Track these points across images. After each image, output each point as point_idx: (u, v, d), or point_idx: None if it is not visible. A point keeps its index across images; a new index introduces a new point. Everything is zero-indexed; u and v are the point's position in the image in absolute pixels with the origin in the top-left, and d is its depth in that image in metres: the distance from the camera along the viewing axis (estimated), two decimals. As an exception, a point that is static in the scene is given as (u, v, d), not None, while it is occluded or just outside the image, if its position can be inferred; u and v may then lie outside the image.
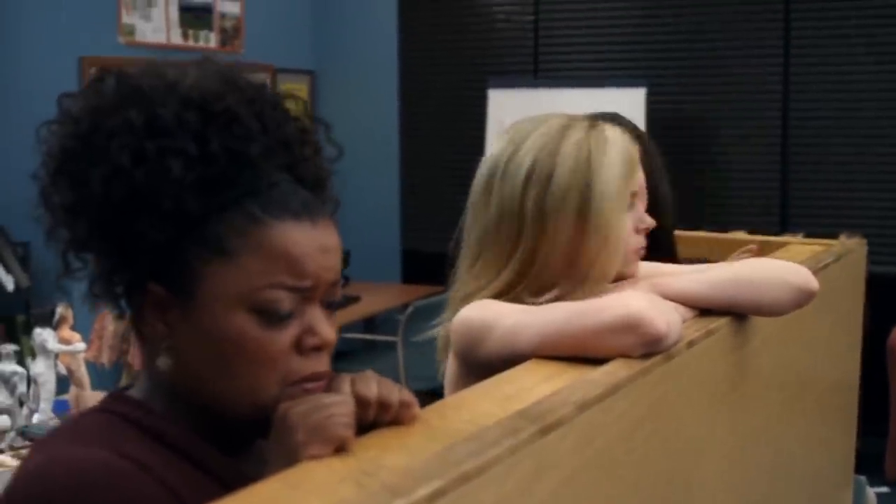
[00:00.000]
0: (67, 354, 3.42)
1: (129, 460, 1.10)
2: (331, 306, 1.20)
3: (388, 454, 1.04)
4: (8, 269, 5.24)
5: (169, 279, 1.15)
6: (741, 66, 6.04)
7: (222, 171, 1.14)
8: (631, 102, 5.91)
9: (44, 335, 3.30)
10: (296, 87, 6.94)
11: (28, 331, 4.87)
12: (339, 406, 1.08)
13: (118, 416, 1.18)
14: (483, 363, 1.56)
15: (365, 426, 1.13)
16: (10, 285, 5.23)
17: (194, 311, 1.14)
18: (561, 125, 1.74)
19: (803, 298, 1.74)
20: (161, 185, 1.12)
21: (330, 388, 1.15)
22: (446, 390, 1.73)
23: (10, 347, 3.31)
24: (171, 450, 1.16)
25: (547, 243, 1.71)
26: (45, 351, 3.30)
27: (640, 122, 5.87)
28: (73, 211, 1.15)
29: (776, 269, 1.74)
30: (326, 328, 1.17)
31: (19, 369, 3.21)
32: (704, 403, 1.64)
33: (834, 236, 5.46)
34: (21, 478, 1.10)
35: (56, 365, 3.39)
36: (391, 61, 6.90)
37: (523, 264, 1.72)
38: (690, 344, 1.53)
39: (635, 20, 6.31)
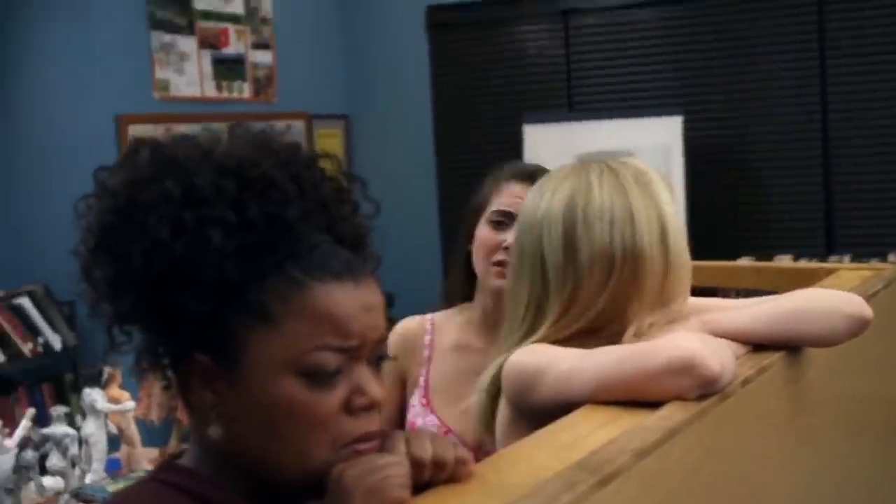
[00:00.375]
0: (117, 413, 3.43)
1: None
2: (378, 363, 1.19)
3: (447, 515, 1.02)
4: (55, 329, 5.28)
5: (214, 349, 1.14)
6: (777, 87, 5.99)
7: (261, 237, 1.13)
8: (668, 131, 5.89)
9: (93, 395, 3.31)
10: (330, 133, 6.97)
11: (76, 389, 4.90)
12: (394, 467, 1.06)
13: (169, 485, 1.17)
14: (536, 409, 1.54)
15: (420, 485, 1.11)
16: (57, 345, 5.27)
17: (241, 379, 1.13)
18: (608, 166, 1.73)
19: (858, 327, 1.71)
20: (201, 256, 1.11)
21: (384, 448, 1.13)
22: (498, 437, 1.71)
23: (61, 409, 3.32)
24: None
25: (641, 275, 1.69)
26: (95, 411, 3.32)
27: (678, 150, 5.85)
28: (114, 285, 1.15)
29: (829, 299, 1.71)
30: (375, 387, 1.15)
31: (71, 431, 3.22)
32: (764, 440, 1.61)
33: (883, 256, 5.41)
34: None
35: (106, 424, 3.40)
36: (425, 103, 6.91)
37: (614, 302, 1.69)
38: (745, 382, 1.50)
39: (667, 48, 6.28)
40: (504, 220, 2.15)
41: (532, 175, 2.06)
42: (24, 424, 3.21)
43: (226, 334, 1.13)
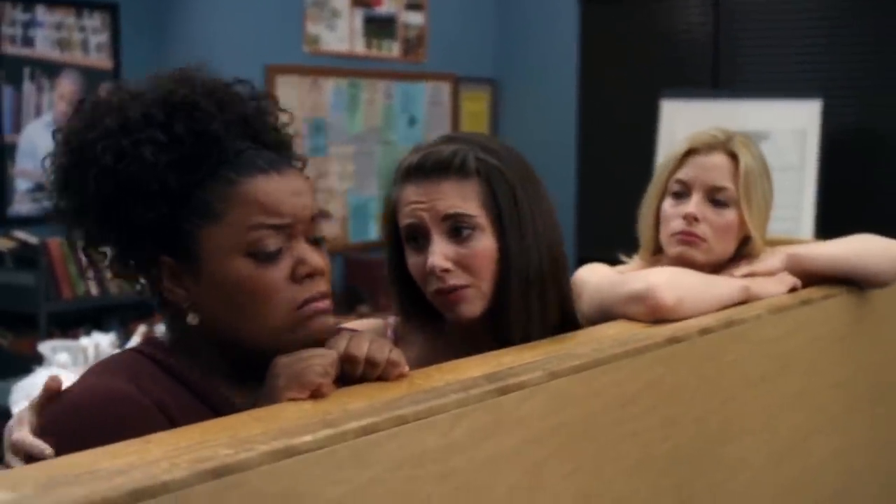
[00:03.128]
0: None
1: (145, 393, 1.29)
2: (317, 242, 1.39)
3: (355, 401, 1.19)
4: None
5: (176, 251, 1.35)
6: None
7: (192, 150, 1.34)
8: (806, 115, 5.87)
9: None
10: (476, 96, 7.14)
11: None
12: (317, 358, 1.25)
13: (145, 355, 1.39)
14: (585, 317, 1.74)
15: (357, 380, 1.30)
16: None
17: (202, 272, 1.34)
18: None
19: None
20: (141, 172, 1.32)
21: (329, 343, 1.32)
22: None
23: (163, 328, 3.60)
24: (186, 388, 1.35)
25: None
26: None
27: (815, 136, 5.83)
28: (80, 213, 1.38)
29: (886, 243, 2.07)
30: (315, 256, 1.36)
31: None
32: (731, 390, 1.72)
33: None
34: (60, 398, 1.31)
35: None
36: (571, 71, 7.01)
37: None
38: (704, 331, 1.63)
39: (815, 31, 6.23)
40: (416, 235, 1.60)
41: (421, 165, 1.59)
42: (134, 339, 3.51)
43: (182, 236, 1.34)
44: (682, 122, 6.27)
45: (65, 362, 3.24)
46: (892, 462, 2.31)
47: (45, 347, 3.37)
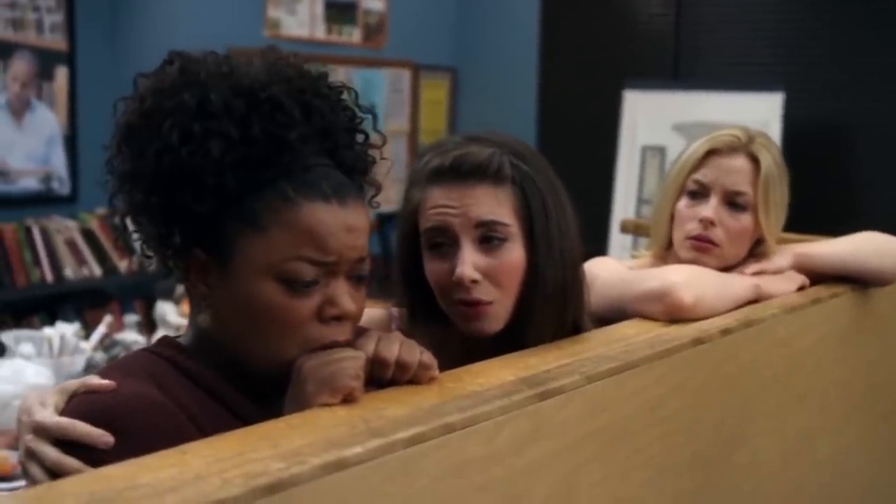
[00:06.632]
0: (188, 327, 3.60)
1: (171, 399, 1.22)
2: (360, 281, 1.30)
3: (391, 406, 1.13)
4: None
5: (210, 247, 1.27)
6: (886, 72, 5.90)
7: (262, 154, 1.25)
8: (768, 107, 5.87)
9: (164, 308, 3.49)
10: (436, 83, 7.08)
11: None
12: (347, 360, 1.18)
13: (163, 357, 1.31)
14: (593, 312, 1.64)
15: (386, 383, 1.23)
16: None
17: (230, 277, 1.26)
18: None
19: None
20: (203, 163, 1.23)
21: (357, 343, 1.25)
22: None
23: (133, 318, 3.51)
24: (205, 392, 1.28)
25: None
26: (166, 323, 3.50)
27: (776, 129, 5.83)
28: (130, 179, 1.28)
29: (889, 241, 2.04)
30: (347, 300, 1.27)
31: (140, 339, 3.40)
32: (746, 391, 1.68)
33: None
34: (78, 398, 1.23)
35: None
36: (531, 60, 6.96)
37: None
38: (726, 332, 1.58)
39: (778, 24, 6.23)
40: (442, 240, 1.51)
41: (455, 167, 1.50)
42: (100, 330, 3.41)
43: (221, 235, 1.25)
44: (643, 113, 6.27)
45: (29, 353, 3.13)
46: (891, 459, 2.29)
47: (7, 338, 3.26)
